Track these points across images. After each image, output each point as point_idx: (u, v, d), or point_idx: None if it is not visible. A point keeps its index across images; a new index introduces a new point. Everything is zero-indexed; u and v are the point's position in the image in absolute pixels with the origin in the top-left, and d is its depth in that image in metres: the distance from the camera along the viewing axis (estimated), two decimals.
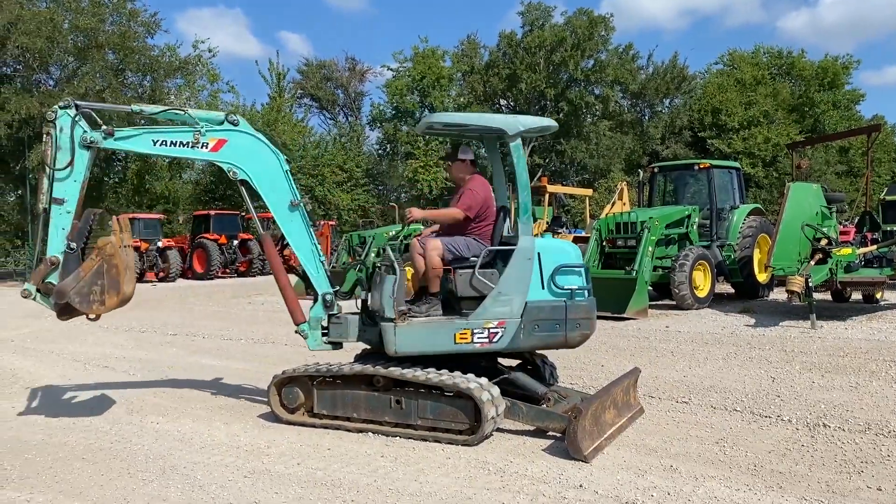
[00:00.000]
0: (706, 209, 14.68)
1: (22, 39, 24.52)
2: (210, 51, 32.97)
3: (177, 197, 40.73)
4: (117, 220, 5.56)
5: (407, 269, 5.66)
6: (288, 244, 5.84)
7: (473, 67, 43.94)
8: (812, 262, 10.96)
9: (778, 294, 14.36)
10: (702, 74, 48.46)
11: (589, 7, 41.66)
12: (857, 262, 11.85)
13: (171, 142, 5.56)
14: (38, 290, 5.34)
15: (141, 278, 24.16)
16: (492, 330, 5.28)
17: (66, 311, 5.35)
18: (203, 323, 12.89)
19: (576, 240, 16.96)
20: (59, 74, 28.55)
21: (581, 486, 4.23)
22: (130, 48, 27.65)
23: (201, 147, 5.53)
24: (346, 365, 5.50)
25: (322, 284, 5.79)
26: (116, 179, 33.22)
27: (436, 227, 6.22)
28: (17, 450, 5.20)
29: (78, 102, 5.44)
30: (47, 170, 5.31)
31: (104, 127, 5.46)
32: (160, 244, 25.12)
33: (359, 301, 5.98)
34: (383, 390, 5.31)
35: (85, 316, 5.37)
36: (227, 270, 26.56)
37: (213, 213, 28.08)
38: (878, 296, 13.34)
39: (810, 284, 10.42)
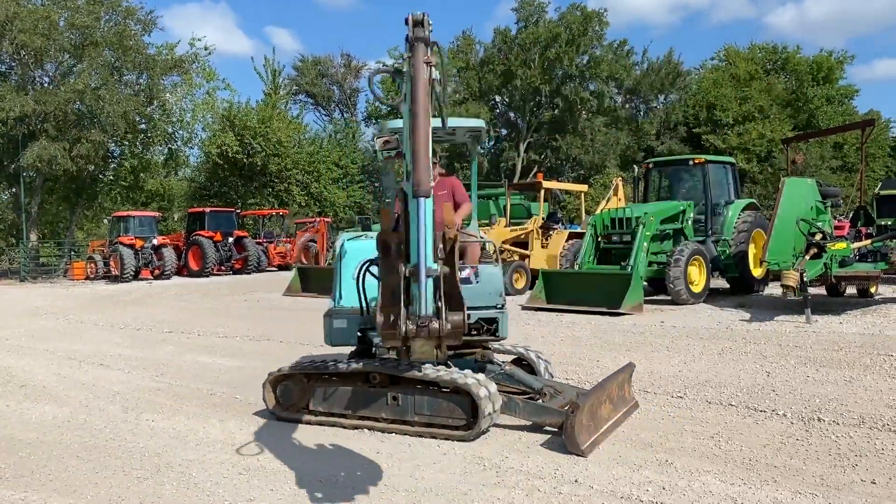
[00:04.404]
0: (701, 204, 14.69)
1: (21, 37, 24.47)
2: (206, 49, 32.92)
3: (171, 194, 40.64)
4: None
5: None
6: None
7: (469, 64, 43.91)
8: (807, 257, 10.97)
9: (773, 289, 14.39)
10: (696, 70, 48.54)
11: (580, 2, 41.26)
12: (851, 256, 11.88)
13: None
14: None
15: (136, 276, 24.12)
16: None
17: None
18: (198, 320, 12.87)
19: (571, 235, 16.99)
20: (54, 72, 28.46)
21: (576, 481, 4.24)
22: (126, 46, 27.56)
23: None
24: (343, 362, 5.49)
25: None
26: (111, 177, 33.12)
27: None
28: (12, 448, 5.19)
29: None
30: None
31: None
32: (155, 241, 25.02)
33: None
34: (379, 387, 5.30)
35: None
36: (223, 268, 26.48)
37: (207, 210, 27.96)
38: (873, 290, 13.37)
39: (805, 279, 10.45)
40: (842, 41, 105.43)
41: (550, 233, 17.52)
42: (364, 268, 5.37)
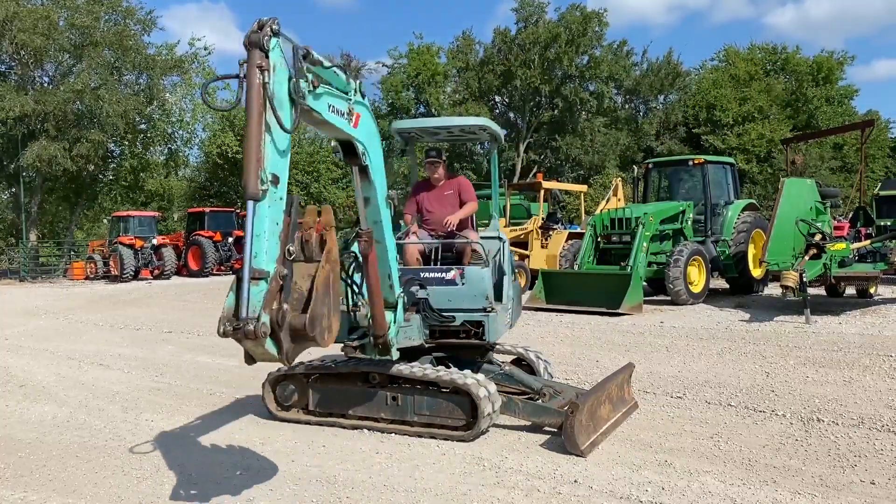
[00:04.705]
0: (701, 205, 14.71)
1: (21, 37, 24.51)
2: (206, 49, 32.97)
3: (171, 194, 40.66)
4: (319, 209, 3.96)
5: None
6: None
7: (468, 64, 43.87)
8: (806, 257, 10.99)
9: (773, 289, 14.40)
10: (696, 70, 48.53)
11: (579, 2, 41.16)
12: (850, 256, 11.89)
13: (337, 109, 3.97)
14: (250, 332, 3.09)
15: (136, 276, 24.13)
16: None
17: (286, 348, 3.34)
18: (198, 320, 12.86)
19: (571, 236, 17.01)
20: (54, 72, 28.48)
21: (576, 481, 4.24)
22: (126, 46, 27.58)
23: (349, 118, 4.09)
24: (342, 362, 5.49)
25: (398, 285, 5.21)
26: (111, 177, 33.12)
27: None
28: (11, 448, 5.19)
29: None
30: (269, 134, 3.47)
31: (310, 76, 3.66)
32: (155, 241, 25.06)
33: None
34: (379, 387, 5.31)
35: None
36: (222, 267, 26.50)
37: (207, 210, 28.01)
38: (872, 290, 13.40)
39: (804, 279, 10.46)
40: (842, 41, 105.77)
41: (550, 233, 17.54)
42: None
